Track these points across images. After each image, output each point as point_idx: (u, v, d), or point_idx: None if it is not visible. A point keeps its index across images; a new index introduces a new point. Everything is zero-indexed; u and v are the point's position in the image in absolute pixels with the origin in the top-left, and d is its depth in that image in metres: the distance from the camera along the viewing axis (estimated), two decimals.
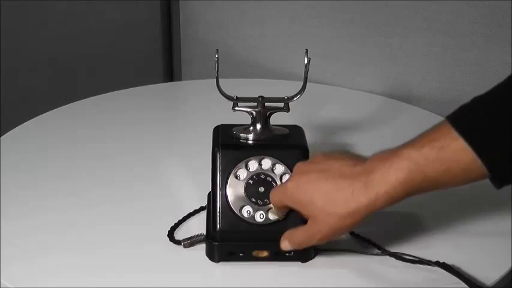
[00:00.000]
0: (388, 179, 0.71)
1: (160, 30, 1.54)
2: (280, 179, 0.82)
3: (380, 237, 0.86)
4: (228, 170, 0.82)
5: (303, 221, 0.80)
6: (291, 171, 0.82)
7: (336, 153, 0.79)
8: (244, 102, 0.86)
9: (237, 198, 0.82)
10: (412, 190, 0.71)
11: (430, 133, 0.71)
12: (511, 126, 0.67)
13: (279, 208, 0.80)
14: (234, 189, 0.82)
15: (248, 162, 0.82)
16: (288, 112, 0.86)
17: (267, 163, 0.82)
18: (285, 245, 0.79)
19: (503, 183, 0.69)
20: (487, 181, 0.72)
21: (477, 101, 0.71)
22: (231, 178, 0.82)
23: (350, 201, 0.73)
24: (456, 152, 0.68)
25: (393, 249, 0.83)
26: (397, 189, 0.71)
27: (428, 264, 0.80)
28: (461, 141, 0.68)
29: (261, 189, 0.82)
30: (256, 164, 0.82)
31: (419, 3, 1.26)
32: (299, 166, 0.79)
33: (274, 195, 0.80)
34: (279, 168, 0.82)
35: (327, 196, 0.74)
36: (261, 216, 0.81)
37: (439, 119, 0.73)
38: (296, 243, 0.79)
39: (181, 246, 0.84)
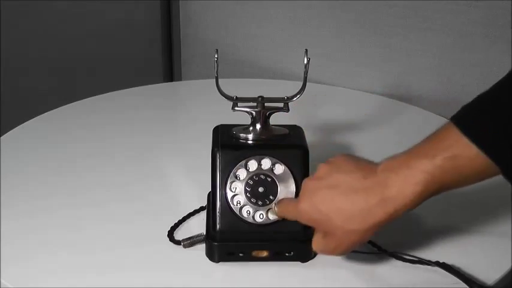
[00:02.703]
0: (406, 193, 0.71)
1: (160, 30, 1.54)
2: (280, 179, 0.82)
3: (380, 237, 0.85)
4: (228, 170, 0.82)
5: None
6: (291, 171, 0.82)
7: (341, 162, 0.77)
8: (244, 102, 0.85)
9: (237, 198, 0.82)
10: (428, 197, 0.72)
11: (439, 139, 0.71)
12: None
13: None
14: (234, 189, 0.82)
15: (248, 162, 0.82)
16: (287, 112, 0.86)
17: (266, 163, 0.82)
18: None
19: None
20: (487, 181, 0.72)
21: (482, 101, 0.70)
22: (231, 178, 0.82)
23: (368, 217, 0.73)
24: (470, 159, 0.68)
25: (393, 249, 0.83)
26: (415, 200, 0.71)
27: (428, 264, 0.80)
28: (474, 149, 0.67)
29: (261, 189, 0.82)
30: (256, 164, 0.82)
31: (419, 3, 1.26)
32: (307, 184, 0.78)
33: (284, 212, 0.80)
34: (279, 168, 0.82)
35: (343, 214, 0.74)
36: (261, 216, 0.81)
37: (439, 119, 0.73)
38: (316, 250, 0.80)
39: (181, 246, 0.84)
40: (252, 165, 0.82)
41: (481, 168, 0.68)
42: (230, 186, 0.82)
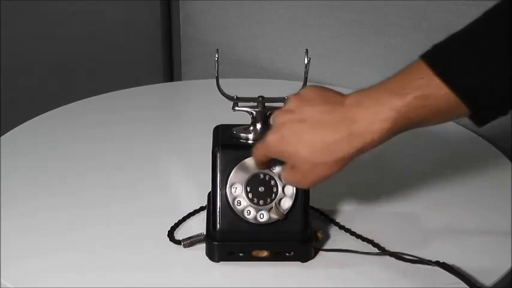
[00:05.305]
0: (374, 128, 0.71)
1: (160, 30, 1.54)
2: (280, 178, 0.82)
3: (380, 237, 0.86)
4: (228, 170, 0.82)
5: (303, 217, 0.80)
6: None
7: (309, 94, 0.77)
8: (244, 102, 0.85)
9: (237, 198, 0.82)
10: (396, 133, 0.72)
11: (410, 78, 0.71)
12: (491, 65, 0.67)
13: (262, 163, 0.81)
14: (234, 189, 0.82)
15: (248, 162, 0.82)
16: None
17: None
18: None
19: (485, 122, 0.70)
20: (487, 181, 0.72)
21: (454, 41, 0.71)
22: (231, 178, 0.82)
23: (336, 150, 0.72)
24: (440, 98, 0.68)
25: (393, 249, 0.83)
26: (383, 136, 0.71)
27: (429, 264, 0.80)
28: (445, 89, 0.68)
29: (261, 189, 0.82)
30: None
31: (419, 3, 1.26)
32: (277, 116, 0.78)
33: (257, 150, 0.80)
34: (279, 168, 0.82)
35: (310, 146, 0.73)
36: (261, 216, 0.81)
37: None
38: (285, 181, 0.80)
39: (181, 246, 0.84)
40: (252, 165, 0.82)
41: (451, 107, 0.69)
42: (230, 186, 0.82)
